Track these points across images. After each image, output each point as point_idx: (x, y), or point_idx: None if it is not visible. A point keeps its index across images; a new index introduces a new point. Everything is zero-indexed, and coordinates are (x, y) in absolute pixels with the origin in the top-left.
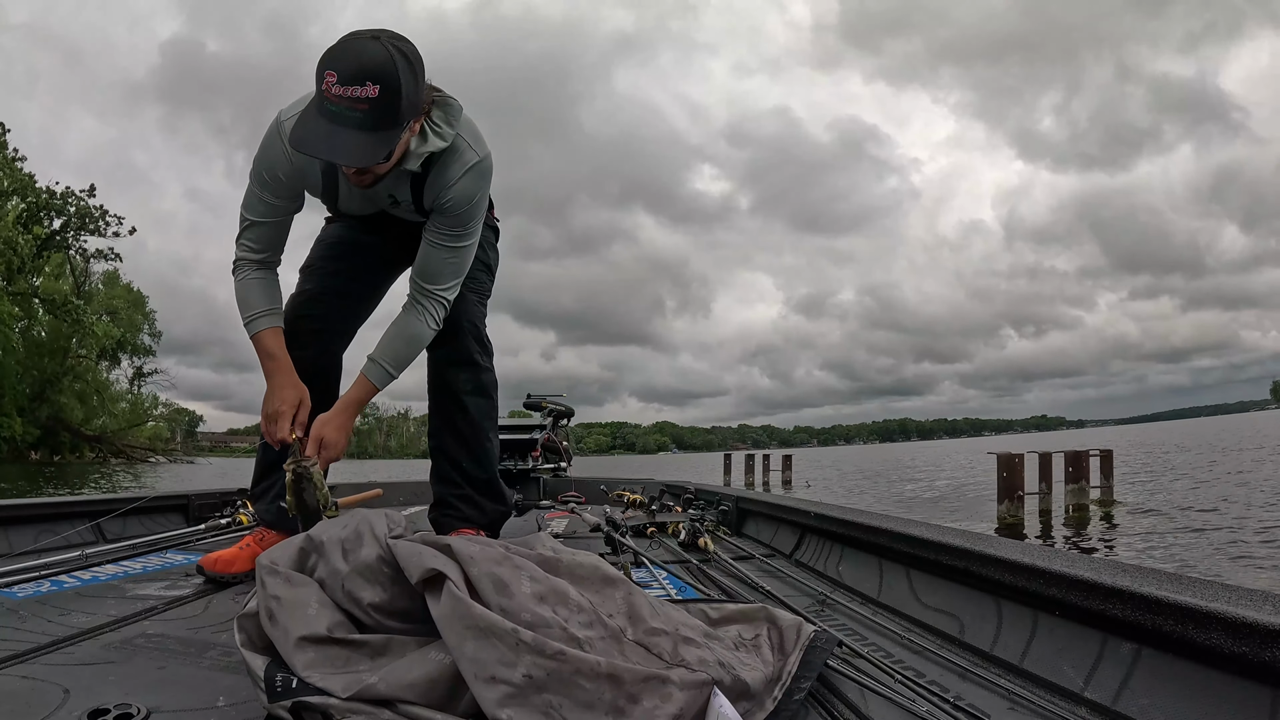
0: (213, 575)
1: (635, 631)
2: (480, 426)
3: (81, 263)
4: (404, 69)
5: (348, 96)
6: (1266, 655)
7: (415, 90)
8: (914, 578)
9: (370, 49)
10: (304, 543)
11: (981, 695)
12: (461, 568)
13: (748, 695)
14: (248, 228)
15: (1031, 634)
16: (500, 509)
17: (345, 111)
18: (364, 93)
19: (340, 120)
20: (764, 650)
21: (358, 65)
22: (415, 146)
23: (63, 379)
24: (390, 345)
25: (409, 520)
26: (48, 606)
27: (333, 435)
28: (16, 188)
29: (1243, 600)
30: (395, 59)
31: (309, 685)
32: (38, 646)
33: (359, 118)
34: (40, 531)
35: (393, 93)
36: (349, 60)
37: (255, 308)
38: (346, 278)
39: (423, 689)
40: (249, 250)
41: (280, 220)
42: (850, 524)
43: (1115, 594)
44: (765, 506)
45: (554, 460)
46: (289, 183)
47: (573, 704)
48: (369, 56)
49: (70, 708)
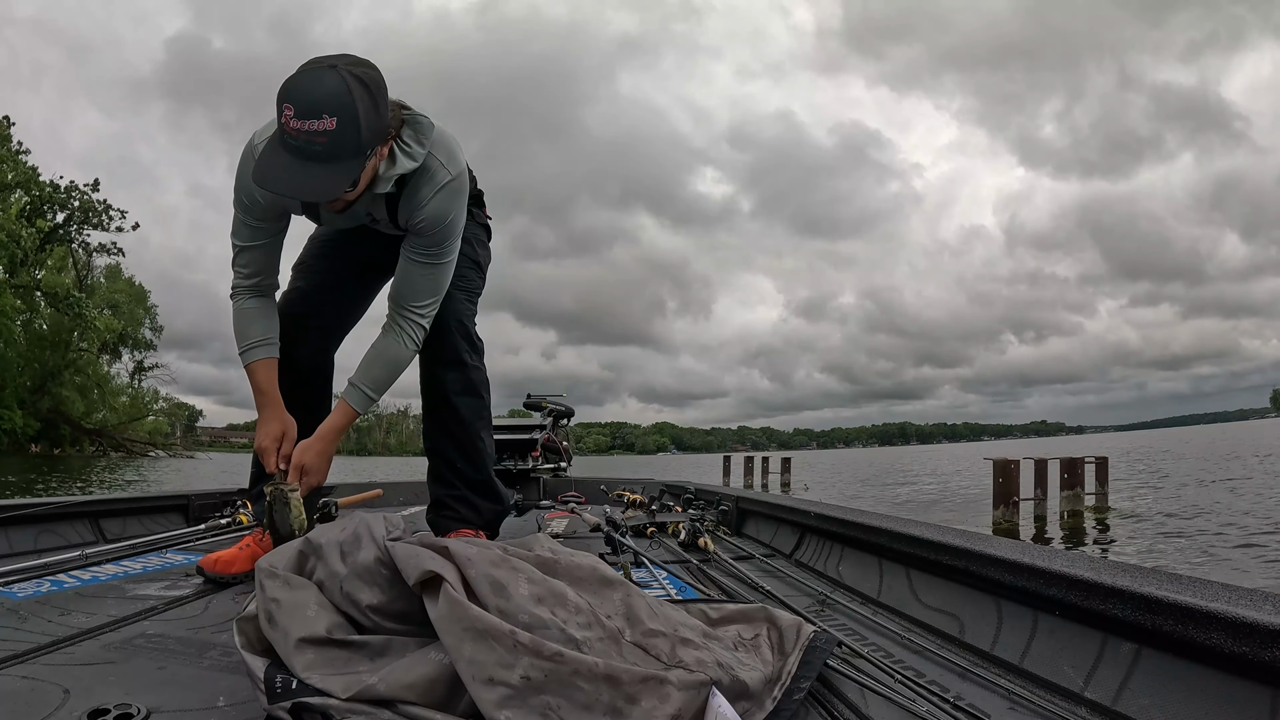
0: (212, 576)
1: (633, 633)
2: (471, 426)
3: (84, 256)
4: (361, 97)
5: (305, 130)
6: (1266, 655)
7: (376, 117)
8: (914, 578)
9: (326, 80)
10: (303, 546)
11: (981, 695)
12: (459, 570)
13: (747, 695)
14: (238, 253)
15: (1031, 634)
16: (496, 508)
17: (305, 145)
18: (321, 125)
19: (301, 154)
20: (763, 650)
21: (313, 98)
22: (384, 170)
23: (64, 372)
24: (369, 369)
25: (408, 520)
26: (48, 606)
27: (313, 462)
28: (20, 181)
29: (1243, 600)
30: (352, 88)
31: (309, 686)
32: (38, 646)
33: (319, 150)
34: (40, 531)
35: (351, 123)
36: (304, 93)
37: (249, 338)
38: (339, 275)
39: (422, 689)
40: (242, 276)
41: (268, 243)
42: (850, 524)
43: (1115, 594)
44: (765, 507)
45: (554, 460)
46: (269, 205)
47: (571, 705)
48: (324, 88)
49: (70, 708)
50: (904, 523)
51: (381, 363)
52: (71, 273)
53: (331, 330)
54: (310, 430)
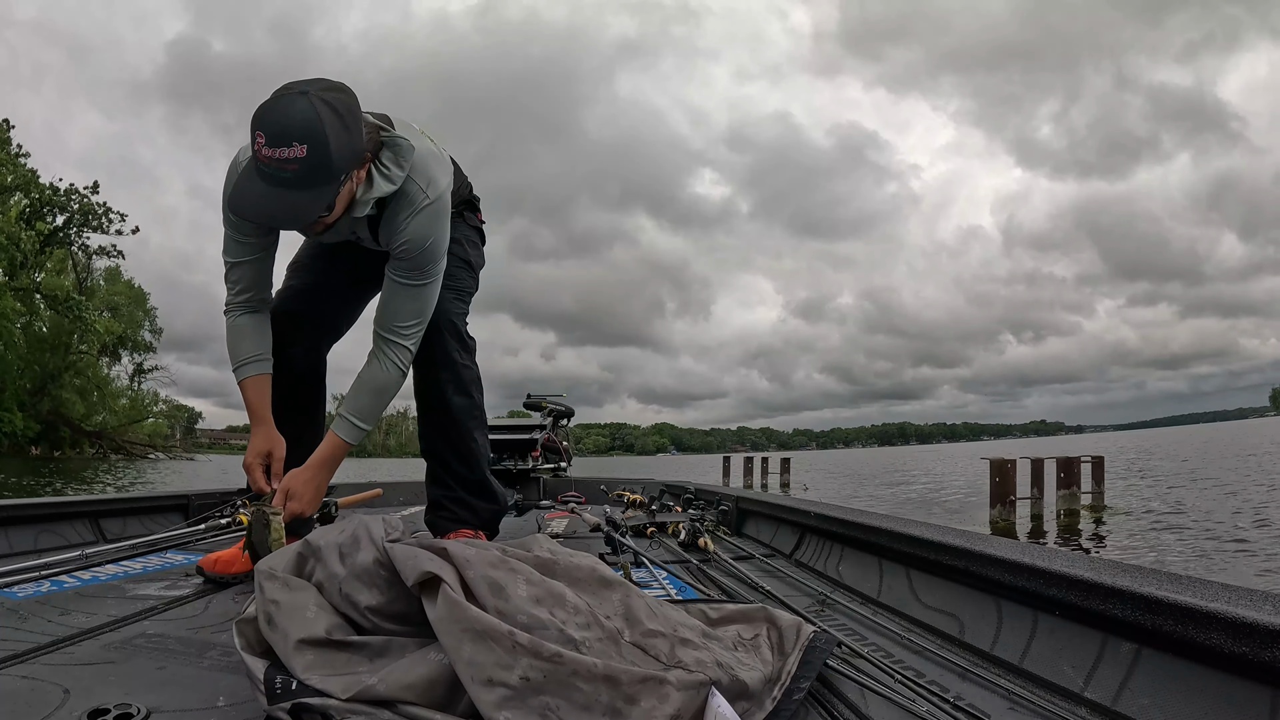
0: (212, 576)
1: (632, 633)
2: (464, 426)
3: (84, 259)
4: (332, 123)
5: (276, 158)
6: (1266, 655)
7: (348, 142)
8: (914, 578)
9: (296, 107)
10: (302, 548)
11: (981, 695)
12: (457, 571)
13: (746, 695)
14: (229, 270)
15: (1031, 634)
16: (492, 508)
17: (276, 172)
18: (292, 153)
19: (273, 181)
20: (763, 650)
21: (283, 126)
22: (361, 193)
23: (64, 374)
24: (355, 398)
25: (408, 521)
26: (48, 606)
27: (299, 488)
28: (20, 184)
29: (1243, 600)
30: (322, 114)
31: (308, 687)
32: (38, 646)
33: (290, 177)
34: (40, 531)
35: (322, 150)
36: (274, 120)
37: (241, 355)
38: (334, 275)
39: (422, 690)
40: (234, 293)
41: (259, 258)
42: (850, 524)
43: (1115, 594)
44: (765, 506)
45: (554, 460)
46: (256, 222)
47: (570, 705)
48: (294, 116)
49: (70, 708)
50: (904, 523)
51: (367, 391)
52: (71, 275)
53: (324, 329)
54: (305, 430)
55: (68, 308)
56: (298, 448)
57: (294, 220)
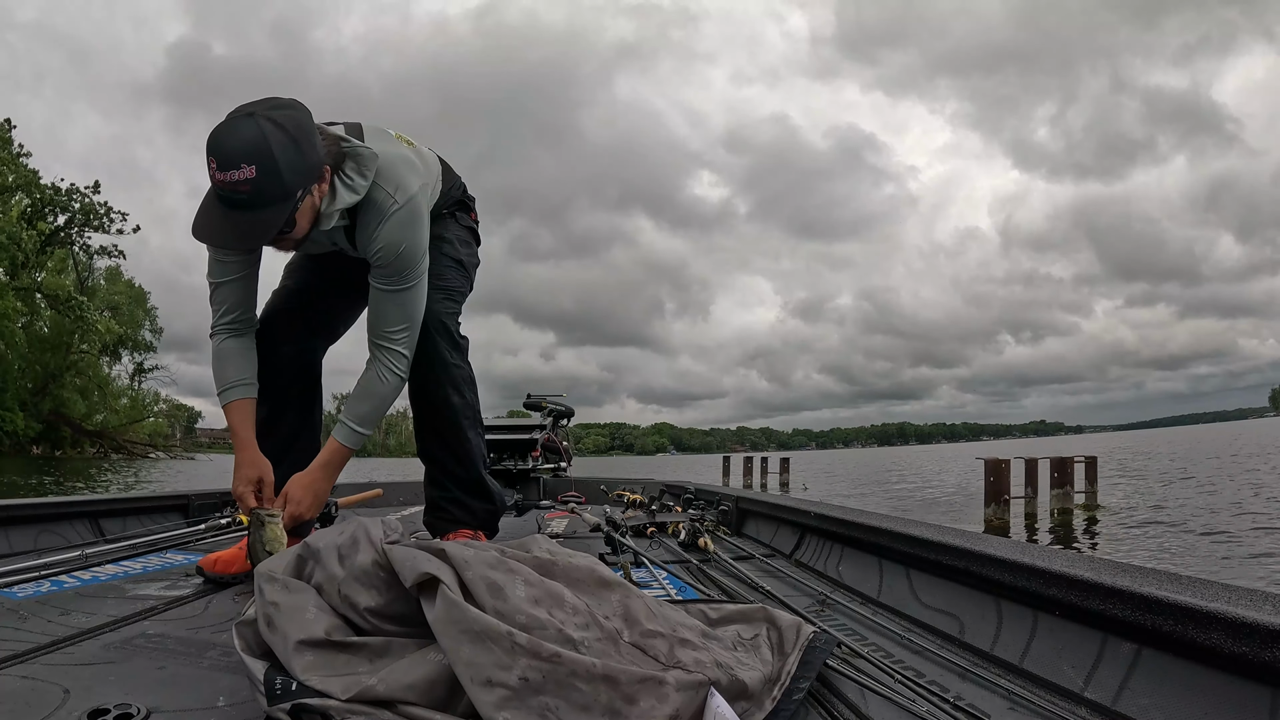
0: (212, 576)
1: (631, 633)
2: (458, 426)
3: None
4: (279, 142)
5: (228, 181)
6: (1266, 655)
7: (299, 158)
8: (914, 578)
9: (241, 129)
10: (301, 550)
11: (981, 695)
12: (456, 572)
13: (746, 695)
14: (214, 291)
15: (1031, 634)
16: (489, 508)
17: (230, 195)
18: (241, 175)
19: (229, 204)
20: (763, 650)
21: (231, 149)
22: (326, 206)
23: (64, 374)
24: (354, 404)
25: (407, 521)
26: (48, 606)
27: (298, 493)
28: (21, 184)
29: (1243, 600)
30: (269, 134)
31: (308, 688)
32: (38, 646)
33: (244, 199)
34: (40, 531)
35: (270, 169)
36: (221, 145)
37: (226, 380)
38: (327, 276)
39: (422, 690)
40: (219, 314)
41: (241, 277)
42: (850, 524)
43: (1115, 594)
44: (765, 506)
45: (554, 460)
46: None
47: (569, 706)
48: (239, 138)
49: (70, 708)
50: (904, 523)
51: (365, 397)
52: (72, 275)
53: (316, 327)
54: (301, 429)
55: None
56: (294, 447)
57: (253, 240)
